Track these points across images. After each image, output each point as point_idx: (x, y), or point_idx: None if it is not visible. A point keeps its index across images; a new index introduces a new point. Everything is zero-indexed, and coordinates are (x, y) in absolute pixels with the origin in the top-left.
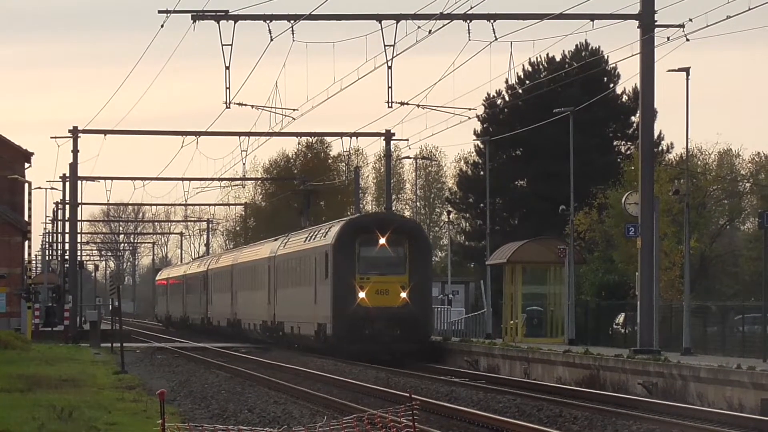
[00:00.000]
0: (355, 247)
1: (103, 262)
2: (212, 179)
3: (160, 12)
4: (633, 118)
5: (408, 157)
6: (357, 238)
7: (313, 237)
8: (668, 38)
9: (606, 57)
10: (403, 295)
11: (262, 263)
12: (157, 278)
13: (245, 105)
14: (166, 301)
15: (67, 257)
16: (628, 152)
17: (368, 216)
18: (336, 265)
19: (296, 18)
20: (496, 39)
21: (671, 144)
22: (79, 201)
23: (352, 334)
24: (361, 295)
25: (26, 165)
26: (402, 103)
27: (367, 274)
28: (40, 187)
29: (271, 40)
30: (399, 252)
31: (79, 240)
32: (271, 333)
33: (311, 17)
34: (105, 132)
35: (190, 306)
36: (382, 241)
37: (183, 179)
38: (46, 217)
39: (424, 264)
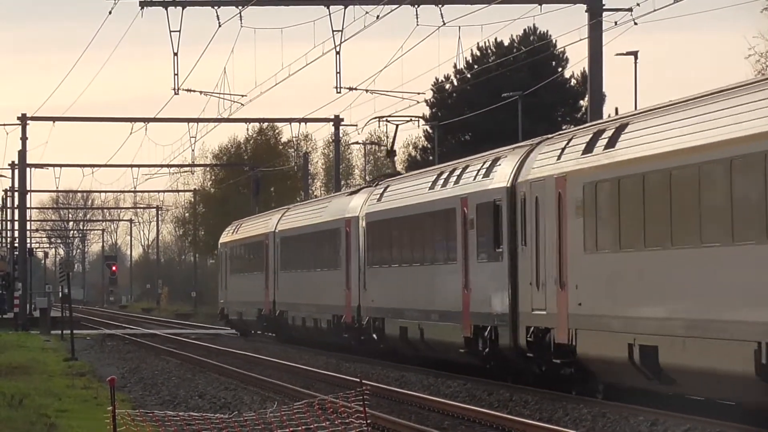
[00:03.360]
0: None
1: (53, 250)
2: (161, 166)
3: None
4: (582, 102)
5: (357, 143)
6: None
7: None
8: (616, 23)
9: (554, 41)
10: None
11: None
12: (223, 240)
13: (194, 91)
14: (270, 279)
15: (16, 245)
16: None
17: None
18: None
19: (244, 3)
20: (444, 24)
21: None
22: (28, 188)
23: None
24: None
25: None
26: (350, 89)
27: None
28: None
29: (219, 26)
30: None
31: (28, 227)
32: None
33: (259, 3)
34: (54, 119)
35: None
36: None
37: (132, 166)
38: None
39: None
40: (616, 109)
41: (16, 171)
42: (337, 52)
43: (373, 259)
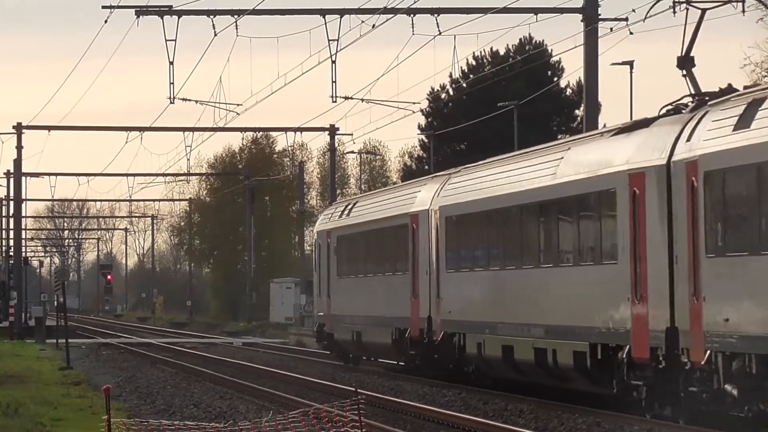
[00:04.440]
0: None
1: (48, 258)
2: (157, 175)
3: (103, 7)
4: (577, 111)
5: (352, 152)
6: None
7: None
8: (611, 29)
9: (550, 51)
10: None
11: None
12: (322, 226)
13: (189, 100)
14: (423, 284)
15: (11, 253)
16: None
17: None
18: None
19: (240, 13)
20: (440, 33)
21: None
22: (23, 197)
23: None
24: None
25: None
26: (346, 98)
27: None
28: None
29: (215, 35)
30: None
31: (23, 236)
32: None
33: (255, 12)
34: (49, 128)
35: None
36: None
37: (127, 175)
38: None
39: None
40: None
41: (11, 180)
42: (333, 62)
43: (730, 241)
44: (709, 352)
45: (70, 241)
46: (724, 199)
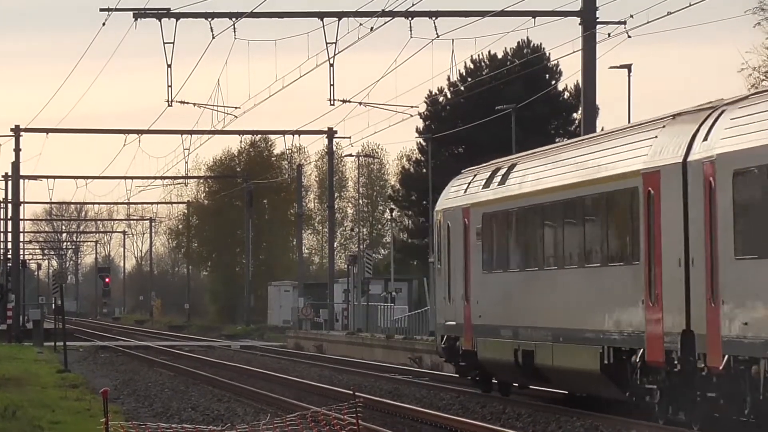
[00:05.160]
0: None
1: (46, 261)
2: (155, 178)
3: (101, 10)
4: (575, 114)
5: (350, 155)
6: None
7: None
8: (609, 34)
9: (548, 54)
10: None
11: None
12: (451, 202)
13: (187, 103)
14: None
15: (9, 256)
16: None
17: None
18: None
19: (238, 16)
20: (438, 36)
21: None
22: (21, 200)
23: None
24: None
25: None
26: (344, 101)
27: None
28: None
29: (213, 37)
30: None
31: (21, 239)
32: None
33: (253, 15)
34: (47, 131)
35: None
36: None
37: (125, 178)
38: None
39: None
40: None
41: (9, 182)
42: (331, 65)
43: None
44: None
45: (68, 243)
46: None
